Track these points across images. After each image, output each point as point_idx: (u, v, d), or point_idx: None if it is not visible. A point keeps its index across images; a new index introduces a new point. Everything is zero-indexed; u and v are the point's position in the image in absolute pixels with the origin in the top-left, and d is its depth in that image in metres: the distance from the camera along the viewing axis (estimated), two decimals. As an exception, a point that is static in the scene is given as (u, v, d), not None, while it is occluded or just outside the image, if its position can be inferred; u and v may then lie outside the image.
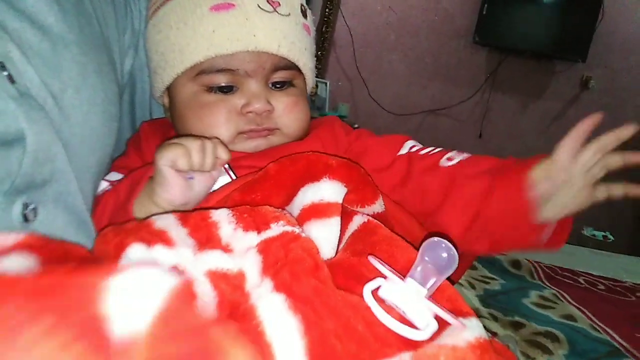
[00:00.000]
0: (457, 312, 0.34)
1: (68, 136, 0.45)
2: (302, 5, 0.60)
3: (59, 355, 0.18)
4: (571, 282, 1.17)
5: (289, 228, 0.38)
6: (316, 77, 2.70)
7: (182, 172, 0.46)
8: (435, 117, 2.77)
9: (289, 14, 0.56)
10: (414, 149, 0.59)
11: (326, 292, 0.33)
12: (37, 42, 0.43)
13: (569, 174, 0.48)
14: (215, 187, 0.51)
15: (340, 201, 0.45)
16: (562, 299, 1.05)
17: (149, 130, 0.61)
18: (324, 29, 2.68)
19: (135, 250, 0.35)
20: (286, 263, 0.34)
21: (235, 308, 0.32)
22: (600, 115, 0.49)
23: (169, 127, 0.61)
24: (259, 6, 0.54)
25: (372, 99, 2.75)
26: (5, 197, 0.39)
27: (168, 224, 0.39)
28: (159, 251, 0.35)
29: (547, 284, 1.13)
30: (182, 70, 0.55)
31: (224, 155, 0.49)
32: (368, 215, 0.46)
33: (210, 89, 0.54)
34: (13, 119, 0.38)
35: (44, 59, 0.43)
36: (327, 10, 2.67)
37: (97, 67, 0.50)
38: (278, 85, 0.57)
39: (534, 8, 2.61)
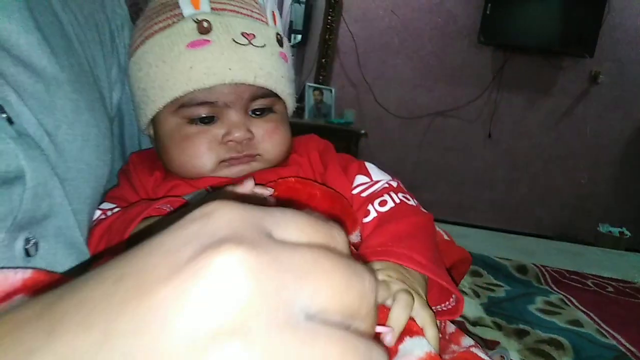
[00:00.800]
0: (409, 332, 0.38)
1: (64, 171, 0.48)
2: (277, 34, 0.62)
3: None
4: (579, 285, 1.16)
5: None
6: (321, 84, 2.72)
7: None
8: (443, 119, 2.76)
9: (264, 45, 0.58)
10: (359, 190, 0.60)
11: None
12: (32, 83, 0.46)
13: None
14: None
15: None
16: (568, 303, 1.04)
17: (137, 161, 0.63)
18: (327, 37, 2.70)
19: None
20: None
21: None
22: None
23: (156, 157, 0.64)
24: (233, 40, 0.56)
25: (378, 104, 2.75)
26: (8, 233, 0.41)
27: None
28: None
29: (554, 288, 1.12)
30: (163, 105, 0.57)
31: None
32: None
33: (192, 120, 0.56)
34: (13, 158, 0.41)
35: (38, 100, 0.46)
36: (329, 17, 2.69)
37: (89, 104, 0.53)
38: (257, 113, 0.59)
39: (538, 4, 2.58)
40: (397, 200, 0.58)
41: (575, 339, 0.87)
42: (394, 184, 0.61)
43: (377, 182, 0.61)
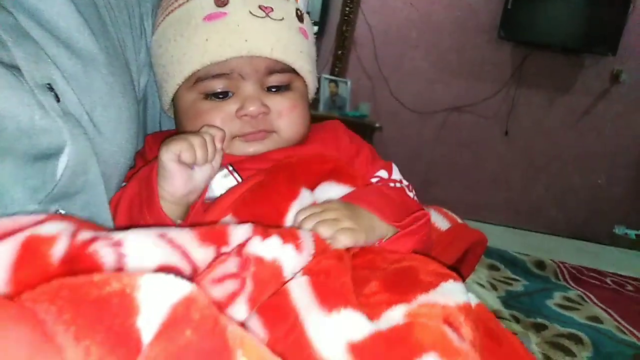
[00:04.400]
0: (444, 278, 0.39)
1: (99, 151, 0.49)
2: (297, 9, 0.61)
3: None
4: (598, 282, 1.14)
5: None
6: (337, 76, 2.71)
7: (184, 165, 0.49)
8: (460, 115, 2.73)
9: (283, 18, 0.57)
10: (375, 180, 0.61)
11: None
12: (72, 65, 0.47)
13: None
14: (222, 191, 0.53)
15: None
16: (587, 300, 1.03)
17: (152, 141, 0.63)
18: (344, 28, 2.68)
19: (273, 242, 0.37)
20: None
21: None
22: None
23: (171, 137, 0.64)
24: (250, 12, 0.55)
25: (394, 98, 2.73)
26: (41, 205, 0.43)
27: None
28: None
29: (573, 285, 1.11)
30: (182, 80, 0.57)
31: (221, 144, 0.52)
32: None
33: (207, 96, 0.56)
34: (58, 134, 0.43)
35: (77, 80, 0.48)
36: (347, 8, 2.67)
37: (122, 88, 0.54)
38: (274, 89, 0.58)
39: (561, 1, 2.54)
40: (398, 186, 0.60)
41: (594, 335, 0.86)
42: (407, 187, 0.62)
43: (394, 180, 0.62)
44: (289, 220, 0.48)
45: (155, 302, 0.22)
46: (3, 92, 0.38)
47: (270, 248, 0.36)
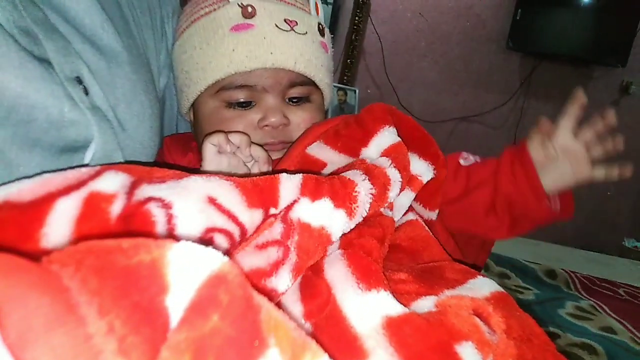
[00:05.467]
0: (471, 275, 0.40)
1: (123, 147, 0.49)
2: (319, 23, 0.63)
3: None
4: (610, 293, 1.12)
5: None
6: (345, 84, 2.72)
7: (222, 154, 0.51)
8: (468, 124, 2.73)
9: (306, 33, 0.59)
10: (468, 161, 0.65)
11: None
12: (96, 61, 0.48)
13: (568, 149, 0.57)
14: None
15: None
16: (600, 310, 1.01)
17: (170, 143, 0.65)
18: (353, 37, 2.69)
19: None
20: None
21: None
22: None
23: (189, 140, 0.65)
24: (276, 25, 0.57)
25: (402, 107, 2.72)
26: None
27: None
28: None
29: (584, 294, 1.09)
30: (205, 87, 0.58)
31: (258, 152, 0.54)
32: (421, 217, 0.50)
33: (230, 104, 0.58)
34: (85, 127, 0.43)
35: (102, 76, 0.49)
36: (356, 18, 2.68)
37: (144, 86, 0.55)
38: (295, 100, 0.60)
39: (570, 12, 2.53)
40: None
41: (608, 345, 0.84)
42: None
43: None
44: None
45: (184, 280, 0.21)
46: (34, 84, 0.38)
47: (318, 214, 0.35)
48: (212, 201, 0.33)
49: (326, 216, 0.35)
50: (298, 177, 0.38)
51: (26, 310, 0.18)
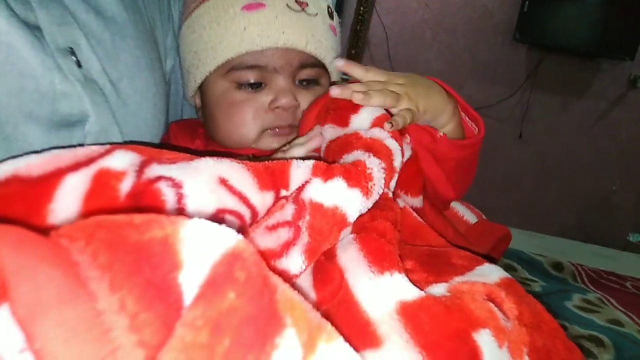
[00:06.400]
0: (478, 262, 0.39)
1: (123, 123, 0.49)
2: (329, 7, 0.63)
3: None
4: (617, 286, 1.11)
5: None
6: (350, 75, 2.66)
7: None
8: (472, 117, 2.71)
9: (317, 14, 0.59)
10: None
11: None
12: (100, 32, 0.47)
13: None
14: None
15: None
16: (607, 303, 1.00)
17: (177, 129, 0.64)
18: (358, 27, 2.67)
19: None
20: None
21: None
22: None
23: (196, 126, 0.65)
24: (287, 6, 0.56)
25: (407, 98, 2.71)
26: None
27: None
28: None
29: (591, 287, 1.08)
30: (214, 67, 0.57)
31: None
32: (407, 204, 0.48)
33: (240, 85, 0.57)
34: (78, 100, 0.42)
35: (104, 49, 0.47)
36: (361, 8, 2.66)
37: (150, 63, 0.54)
38: (304, 83, 0.59)
39: (578, 4, 2.50)
40: None
41: (616, 338, 0.84)
42: None
43: None
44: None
45: (198, 257, 0.21)
46: (22, 53, 0.38)
47: (331, 193, 0.34)
48: (223, 182, 0.33)
49: (340, 195, 0.34)
50: (309, 161, 0.37)
51: (36, 284, 0.18)
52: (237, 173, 0.34)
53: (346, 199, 0.34)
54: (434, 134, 0.54)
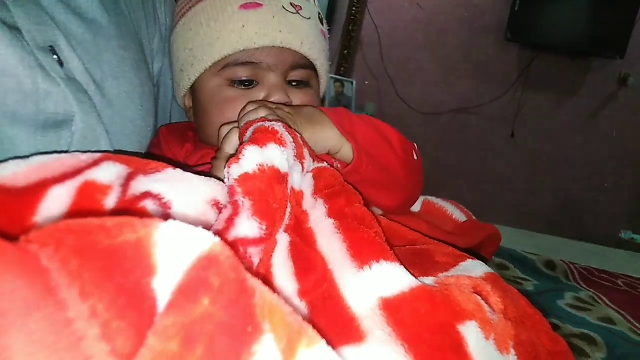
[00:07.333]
0: (462, 259, 0.39)
1: (109, 123, 0.48)
2: (319, 13, 0.65)
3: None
4: (609, 284, 1.12)
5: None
6: (342, 76, 2.70)
7: None
8: (466, 116, 2.71)
9: (310, 18, 0.60)
10: None
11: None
12: (81, 33, 0.47)
13: None
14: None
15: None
16: (599, 301, 1.00)
17: (167, 133, 0.64)
18: (350, 28, 2.67)
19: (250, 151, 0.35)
20: (342, 191, 0.38)
21: (300, 224, 0.35)
22: None
23: (186, 129, 0.65)
24: (283, 7, 0.58)
25: (400, 98, 2.71)
26: None
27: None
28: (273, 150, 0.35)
29: (583, 285, 1.08)
30: (211, 64, 0.58)
31: None
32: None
33: (233, 82, 0.57)
34: (63, 99, 0.42)
35: (86, 49, 0.47)
36: (353, 8, 2.66)
37: (135, 64, 0.53)
38: (295, 84, 0.60)
39: (569, 3, 2.52)
40: None
41: (608, 336, 0.84)
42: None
43: None
44: None
45: (172, 261, 0.20)
46: (0, 51, 0.37)
47: (249, 160, 0.33)
48: (215, 205, 0.33)
49: (257, 157, 0.33)
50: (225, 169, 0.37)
51: (2, 293, 0.17)
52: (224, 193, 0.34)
53: (265, 156, 0.34)
54: (332, 163, 0.52)
